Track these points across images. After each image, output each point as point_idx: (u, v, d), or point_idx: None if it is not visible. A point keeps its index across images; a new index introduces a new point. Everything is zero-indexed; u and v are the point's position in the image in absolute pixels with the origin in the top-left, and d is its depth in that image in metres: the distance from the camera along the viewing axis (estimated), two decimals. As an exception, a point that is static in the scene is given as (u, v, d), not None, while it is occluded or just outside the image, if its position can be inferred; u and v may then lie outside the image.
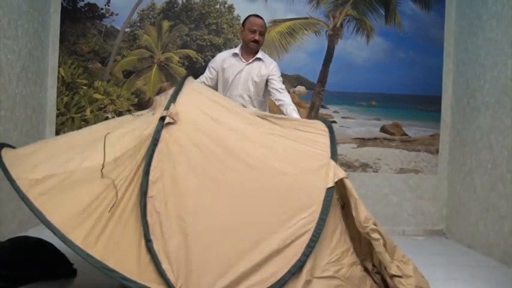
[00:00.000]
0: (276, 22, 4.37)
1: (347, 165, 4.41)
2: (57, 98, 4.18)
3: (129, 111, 4.15)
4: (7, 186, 2.16)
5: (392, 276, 2.20)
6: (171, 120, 2.19)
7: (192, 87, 2.52)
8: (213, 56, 4.02)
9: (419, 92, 4.49)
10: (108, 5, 4.25)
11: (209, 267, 2.00)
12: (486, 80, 3.79)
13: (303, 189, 2.20)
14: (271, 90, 3.11)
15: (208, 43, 4.36)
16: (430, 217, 4.43)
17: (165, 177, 2.11)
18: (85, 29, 4.24)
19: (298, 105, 4.41)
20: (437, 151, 4.46)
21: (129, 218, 2.04)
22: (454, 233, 4.22)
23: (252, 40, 3.09)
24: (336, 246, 2.19)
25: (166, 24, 4.33)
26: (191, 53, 4.35)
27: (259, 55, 3.15)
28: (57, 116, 4.18)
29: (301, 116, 4.37)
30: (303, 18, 4.41)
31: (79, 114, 4.20)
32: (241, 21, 4.11)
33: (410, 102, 4.51)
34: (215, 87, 3.23)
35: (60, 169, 2.11)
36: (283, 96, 3.04)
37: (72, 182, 2.08)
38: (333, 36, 4.42)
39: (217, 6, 4.37)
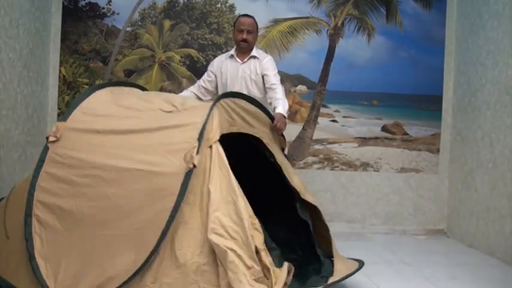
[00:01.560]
0: (277, 21, 4.37)
1: (348, 165, 4.41)
2: (59, 97, 4.19)
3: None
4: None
5: None
6: (54, 139, 2.34)
7: (92, 99, 2.55)
8: (214, 56, 4.03)
9: (420, 91, 4.48)
10: (110, 4, 4.26)
11: (82, 273, 2.12)
12: (487, 79, 3.79)
13: (164, 175, 2.19)
14: (266, 87, 3.10)
15: (210, 42, 4.36)
16: (431, 216, 4.43)
17: (49, 193, 2.26)
18: (86, 28, 4.24)
19: (299, 104, 4.43)
20: (438, 150, 4.46)
21: (20, 237, 2.22)
22: (455, 232, 4.22)
23: (241, 40, 3.11)
24: (200, 228, 2.18)
25: (167, 23, 4.33)
26: (192, 52, 4.35)
27: (254, 53, 3.16)
28: (59, 115, 4.17)
29: (301, 116, 4.44)
30: (304, 17, 4.40)
31: (80, 114, 4.20)
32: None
33: (411, 102, 4.51)
34: (215, 90, 3.25)
35: None
36: (273, 93, 3.01)
37: None
38: (334, 36, 4.41)
39: (219, 5, 4.37)
